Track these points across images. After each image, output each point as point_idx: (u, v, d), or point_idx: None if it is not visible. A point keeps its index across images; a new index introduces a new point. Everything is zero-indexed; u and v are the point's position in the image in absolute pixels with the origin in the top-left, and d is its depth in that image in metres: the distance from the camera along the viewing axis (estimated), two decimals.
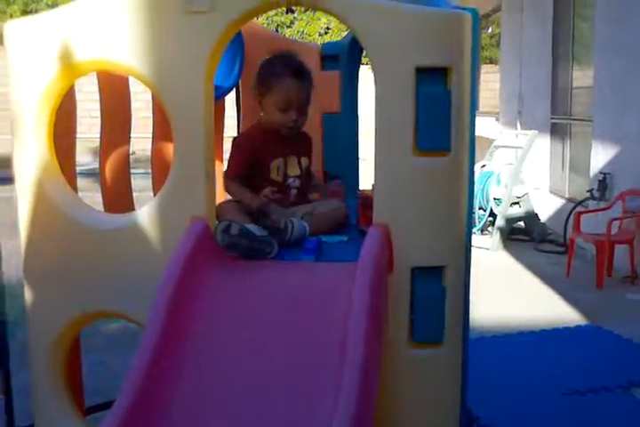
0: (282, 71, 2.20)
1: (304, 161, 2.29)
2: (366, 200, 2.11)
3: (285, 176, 2.24)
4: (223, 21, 1.76)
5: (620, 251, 5.31)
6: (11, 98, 1.91)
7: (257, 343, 1.59)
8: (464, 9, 1.82)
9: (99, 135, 2.41)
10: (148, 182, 2.54)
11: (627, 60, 5.58)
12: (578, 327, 4.27)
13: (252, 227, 1.86)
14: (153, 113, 2.51)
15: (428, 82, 1.72)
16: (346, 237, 1.92)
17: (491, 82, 12.41)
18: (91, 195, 2.75)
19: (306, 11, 17.11)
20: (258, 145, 2.21)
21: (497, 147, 7.38)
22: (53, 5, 16.15)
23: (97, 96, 2.34)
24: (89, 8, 1.84)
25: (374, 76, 1.72)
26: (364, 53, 2.40)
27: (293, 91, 2.18)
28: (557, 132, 7.63)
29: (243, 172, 2.20)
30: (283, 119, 2.19)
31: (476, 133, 1.95)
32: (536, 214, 6.93)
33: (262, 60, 2.31)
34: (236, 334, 1.62)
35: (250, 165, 2.20)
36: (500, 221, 6.63)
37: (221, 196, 2.61)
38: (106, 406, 2.56)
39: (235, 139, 2.28)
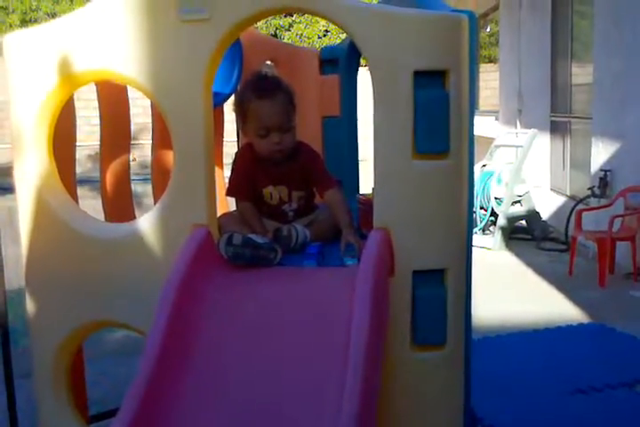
0: (250, 96, 2.10)
1: (296, 194, 2.20)
2: (367, 204, 2.11)
3: (281, 200, 2.19)
4: (220, 29, 1.76)
5: (622, 248, 5.31)
6: (10, 108, 1.92)
7: (259, 350, 1.59)
8: (461, 11, 1.83)
9: (98, 143, 2.42)
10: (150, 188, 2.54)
11: (626, 56, 5.58)
12: (581, 325, 4.27)
13: (253, 236, 1.87)
14: (152, 120, 2.51)
15: (426, 85, 1.72)
16: (355, 260, 1.88)
17: (490, 81, 12.41)
18: (88, 202, 2.75)
19: (304, 14, 17.11)
20: (249, 170, 2.17)
21: (497, 146, 7.38)
22: (52, 14, 16.16)
23: (96, 104, 2.35)
24: (87, 19, 1.85)
25: (372, 80, 1.72)
26: (362, 56, 2.39)
27: (267, 114, 2.07)
28: (557, 129, 7.63)
29: (244, 191, 2.17)
30: (266, 145, 2.10)
31: (476, 133, 1.94)
32: (537, 213, 6.93)
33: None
34: (239, 341, 1.62)
35: (247, 185, 2.17)
36: (501, 221, 6.63)
37: (222, 203, 2.62)
38: (109, 414, 2.57)
39: (234, 157, 2.23)
